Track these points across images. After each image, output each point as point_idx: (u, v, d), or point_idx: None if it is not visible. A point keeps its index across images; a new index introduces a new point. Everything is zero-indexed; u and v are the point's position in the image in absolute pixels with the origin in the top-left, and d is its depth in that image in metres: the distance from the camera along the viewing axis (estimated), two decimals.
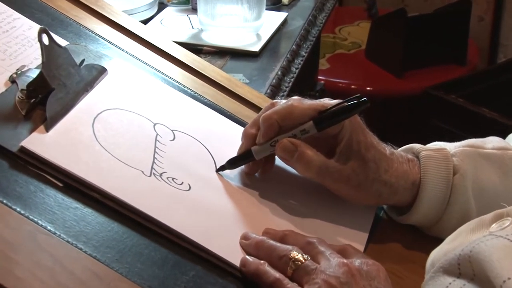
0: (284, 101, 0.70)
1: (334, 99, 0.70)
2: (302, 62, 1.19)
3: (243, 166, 0.72)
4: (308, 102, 0.69)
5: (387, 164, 0.69)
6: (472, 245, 0.54)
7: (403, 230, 0.73)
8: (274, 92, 1.05)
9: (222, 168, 0.71)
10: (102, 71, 0.75)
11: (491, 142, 0.73)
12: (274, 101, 0.72)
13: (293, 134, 0.68)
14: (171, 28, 1.24)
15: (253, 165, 0.71)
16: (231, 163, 0.71)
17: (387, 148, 0.71)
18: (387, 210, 0.75)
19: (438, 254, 0.59)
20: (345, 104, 0.67)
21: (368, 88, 2.20)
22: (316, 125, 0.67)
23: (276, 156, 0.71)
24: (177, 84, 0.82)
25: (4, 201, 0.57)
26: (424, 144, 0.73)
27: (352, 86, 2.21)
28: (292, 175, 0.73)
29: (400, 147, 0.74)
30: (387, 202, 0.71)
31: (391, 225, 0.74)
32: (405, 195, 0.70)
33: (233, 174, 0.71)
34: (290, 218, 0.69)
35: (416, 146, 0.73)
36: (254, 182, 0.71)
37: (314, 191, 0.72)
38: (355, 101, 0.67)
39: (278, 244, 0.62)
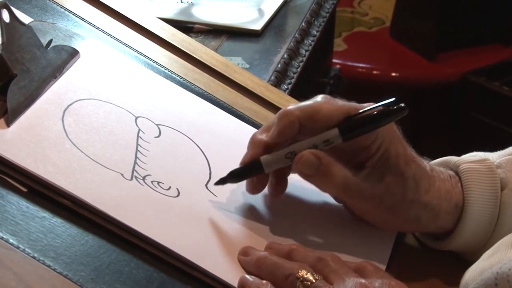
0: (308, 100, 0.69)
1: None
2: (313, 43, 1.20)
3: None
4: (339, 103, 0.68)
5: (428, 182, 0.69)
6: None
7: None
8: (279, 79, 1.05)
9: (223, 181, 0.69)
10: (73, 53, 0.76)
11: None
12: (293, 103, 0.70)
13: (314, 144, 0.67)
14: (156, 1, 1.24)
15: (258, 183, 0.69)
16: (235, 176, 0.69)
17: (427, 164, 0.71)
18: (417, 235, 0.75)
19: (473, 273, 0.60)
20: (378, 110, 0.67)
21: (394, 74, 2.20)
22: (342, 133, 0.67)
23: (288, 177, 0.71)
24: (162, 69, 0.83)
25: None
26: (462, 150, 0.73)
27: (374, 72, 2.21)
28: (298, 189, 0.73)
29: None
30: (426, 229, 0.71)
31: (419, 240, 0.75)
32: (446, 220, 0.70)
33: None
34: (298, 231, 0.70)
35: (453, 159, 0.73)
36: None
37: (327, 207, 0.73)
38: (391, 107, 0.66)
39: (284, 261, 0.63)
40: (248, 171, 0.69)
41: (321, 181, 0.68)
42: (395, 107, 0.67)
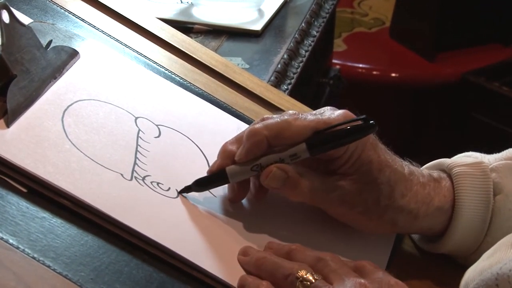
0: (277, 115, 0.69)
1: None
2: (313, 43, 1.20)
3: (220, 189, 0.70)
4: (307, 119, 0.67)
5: (405, 187, 0.69)
6: None
7: None
8: (279, 80, 1.05)
9: (187, 189, 0.68)
10: (73, 54, 0.76)
11: None
12: (266, 116, 0.70)
13: (280, 158, 0.67)
14: (156, 2, 1.24)
15: (238, 191, 0.70)
16: (199, 184, 0.68)
17: (405, 166, 0.70)
18: (413, 238, 0.75)
19: (473, 273, 0.60)
20: (347, 127, 0.66)
21: (394, 74, 2.21)
22: (309, 148, 0.66)
23: None
24: (162, 70, 0.83)
25: None
26: (461, 150, 0.73)
27: (374, 72, 2.21)
28: None
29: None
30: (406, 231, 0.72)
31: None
32: (428, 222, 0.70)
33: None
34: (297, 232, 0.70)
35: (447, 161, 0.72)
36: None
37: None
38: (361, 124, 0.66)
39: (283, 261, 0.63)
40: (213, 181, 0.69)
41: (289, 192, 0.68)
42: (365, 123, 0.66)
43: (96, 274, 0.58)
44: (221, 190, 0.70)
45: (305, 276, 0.61)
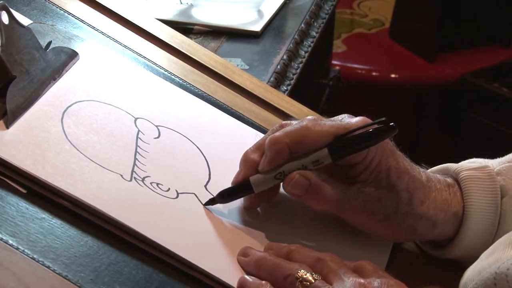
0: (296, 122, 0.69)
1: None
2: (312, 44, 1.20)
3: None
4: (327, 124, 0.68)
5: (423, 194, 0.69)
6: (511, 262, 0.55)
7: None
8: (278, 80, 1.06)
9: (212, 201, 0.68)
10: (73, 55, 0.76)
11: None
12: (284, 122, 0.71)
13: (303, 165, 0.67)
14: (155, 3, 1.24)
15: (255, 199, 0.70)
16: (224, 196, 0.69)
17: (423, 173, 0.71)
18: (418, 242, 0.75)
19: (472, 273, 0.61)
20: (368, 130, 0.67)
21: (393, 76, 2.21)
22: (331, 154, 0.67)
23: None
24: (162, 70, 0.83)
25: None
26: (461, 151, 0.73)
27: (374, 73, 2.21)
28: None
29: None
30: (424, 238, 0.72)
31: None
32: (445, 228, 0.70)
33: (229, 184, 0.71)
34: (297, 232, 0.70)
35: (453, 166, 0.73)
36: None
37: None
38: (380, 127, 0.67)
39: (283, 262, 0.63)
40: (238, 192, 0.69)
41: (312, 200, 0.68)
42: (385, 126, 0.67)
43: (96, 275, 0.58)
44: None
45: (304, 277, 0.61)
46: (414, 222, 0.69)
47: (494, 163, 0.72)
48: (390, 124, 0.67)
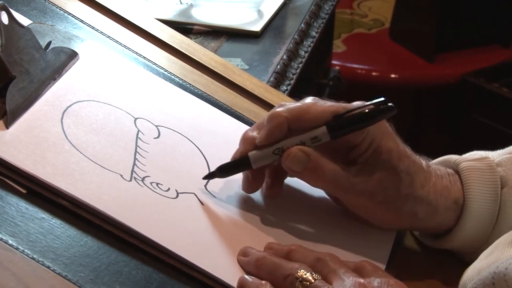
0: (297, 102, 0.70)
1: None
2: (312, 44, 1.20)
3: (239, 181, 0.71)
4: (327, 104, 0.69)
5: (424, 177, 0.69)
6: (509, 261, 0.55)
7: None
8: (278, 80, 1.06)
9: (211, 175, 0.70)
10: (72, 55, 0.76)
11: None
12: (283, 103, 0.71)
13: (301, 141, 0.68)
14: (155, 3, 1.25)
15: (253, 182, 0.70)
16: (223, 171, 0.70)
17: (423, 160, 0.71)
18: (417, 234, 0.75)
19: (471, 273, 0.61)
20: (365, 109, 0.67)
21: (393, 76, 2.21)
22: (330, 131, 0.67)
23: (285, 179, 0.72)
24: (162, 71, 0.83)
25: None
26: (461, 151, 0.74)
27: (374, 73, 2.21)
28: (296, 189, 0.74)
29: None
30: (425, 225, 0.71)
31: (419, 240, 0.75)
32: (447, 217, 0.70)
33: (229, 183, 0.72)
34: (297, 232, 0.70)
35: (453, 157, 0.73)
36: (253, 194, 0.72)
37: (326, 207, 0.73)
38: (379, 107, 0.67)
39: (283, 261, 0.63)
40: (236, 166, 0.70)
41: (311, 176, 0.68)
42: (384, 106, 0.67)
43: (96, 275, 0.58)
44: (221, 191, 0.71)
45: (304, 276, 0.61)
46: (415, 205, 0.69)
47: (495, 155, 0.72)
48: (389, 104, 0.67)
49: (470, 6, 2.23)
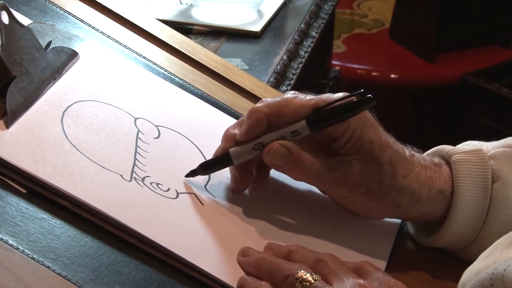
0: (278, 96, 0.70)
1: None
2: (312, 45, 1.20)
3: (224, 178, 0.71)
4: (307, 97, 0.69)
5: (406, 167, 0.70)
6: (508, 263, 0.55)
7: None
8: (278, 81, 1.06)
9: (193, 173, 0.70)
10: (73, 55, 0.76)
11: None
12: (264, 99, 0.71)
13: (281, 135, 0.68)
14: (155, 3, 1.25)
15: (241, 181, 0.71)
16: (205, 168, 0.70)
17: (406, 150, 0.71)
18: (412, 233, 0.75)
19: (470, 274, 0.60)
20: (344, 101, 0.67)
21: (393, 76, 2.21)
22: (309, 125, 0.67)
23: (271, 169, 0.72)
24: (162, 71, 0.84)
25: None
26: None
27: (374, 73, 2.21)
28: (296, 190, 0.74)
29: (432, 147, 0.75)
30: (409, 214, 0.71)
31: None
32: (430, 206, 0.70)
33: (229, 183, 0.72)
34: (297, 231, 0.70)
35: (446, 148, 0.73)
36: (252, 193, 0.72)
37: (327, 206, 0.73)
38: (358, 98, 0.67)
39: (283, 262, 0.63)
40: (218, 163, 0.70)
41: (292, 170, 0.69)
42: (363, 98, 0.67)
43: (96, 275, 0.58)
44: (222, 191, 0.71)
45: (304, 277, 0.61)
46: (397, 195, 0.69)
47: (489, 146, 0.72)
48: (368, 95, 0.67)
49: (470, 6, 2.24)
